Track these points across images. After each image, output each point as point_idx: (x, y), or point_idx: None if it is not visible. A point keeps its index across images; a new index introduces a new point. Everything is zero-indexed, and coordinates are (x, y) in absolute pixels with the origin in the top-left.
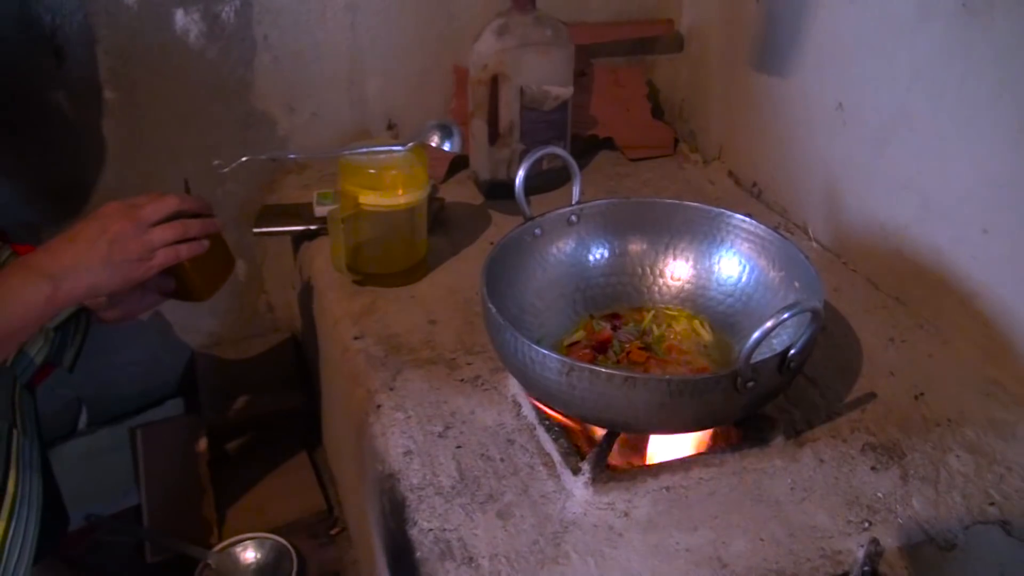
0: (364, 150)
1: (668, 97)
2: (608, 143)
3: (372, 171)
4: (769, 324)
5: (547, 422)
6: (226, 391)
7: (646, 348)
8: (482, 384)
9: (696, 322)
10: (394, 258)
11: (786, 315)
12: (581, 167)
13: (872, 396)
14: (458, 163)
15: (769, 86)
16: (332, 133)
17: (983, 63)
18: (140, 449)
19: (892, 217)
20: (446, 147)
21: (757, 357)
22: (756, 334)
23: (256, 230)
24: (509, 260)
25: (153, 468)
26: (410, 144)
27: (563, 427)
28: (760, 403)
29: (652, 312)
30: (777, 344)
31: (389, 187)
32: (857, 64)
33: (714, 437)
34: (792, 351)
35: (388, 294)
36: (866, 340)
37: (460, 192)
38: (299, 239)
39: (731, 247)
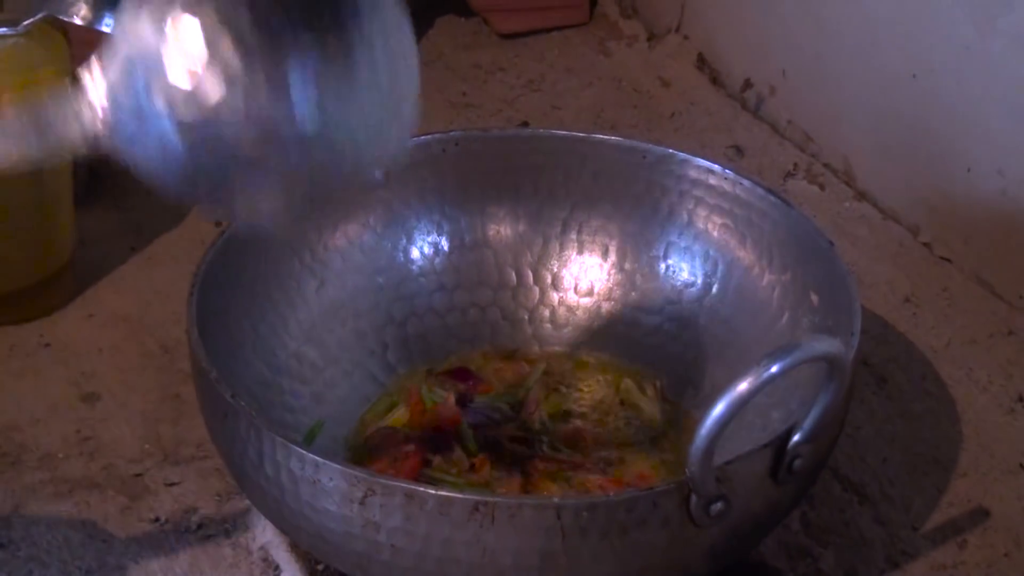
0: None
1: None
2: (458, 2)
3: None
4: (743, 387)
5: None
6: None
7: (527, 439)
8: (200, 527)
9: (628, 381)
10: (2, 265)
11: (775, 367)
12: None
13: (983, 515)
14: None
15: None
16: None
17: None
18: None
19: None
20: (105, 24)
21: (728, 452)
22: (718, 408)
23: None
24: (248, 264)
25: None
26: (28, 21)
27: None
28: (743, 543)
29: (540, 365)
30: (777, 419)
31: None
32: None
33: None
34: (796, 437)
35: None
36: (971, 401)
37: None
38: None
39: (689, 226)
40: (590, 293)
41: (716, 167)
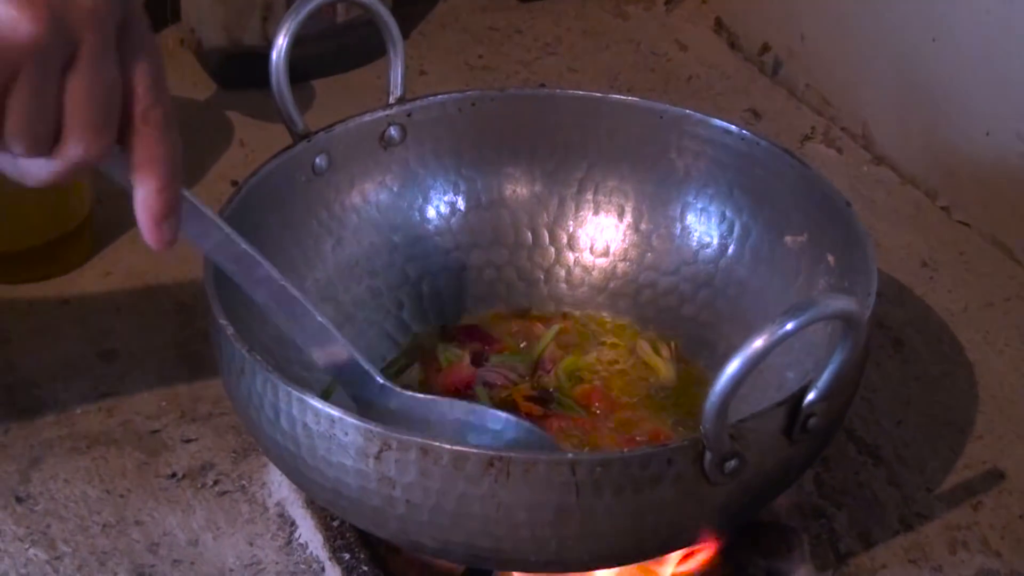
0: None
1: None
2: None
3: None
4: (758, 344)
5: (348, 556)
6: None
7: (542, 398)
8: (216, 483)
9: (643, 342)
10: (18, 222)
11: (790, 324)
12: (419, 17)
13: (998, 477)
14: (156, 15)
15: None
16: None
17: None
18: None
19: None
20: None
21: (743, 413)
22: (733, 365)
23: None
24: (264, 223)
25: None
26: None
27: (381, 563)
28: (756, 502)
29: (555, 324)
30: (792, 379)
31: None
32: None
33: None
34: (811, 396)
35: (8, 299)
36: (987, 364)
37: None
38: None
39: (704, 186)
40: (606, 253)
41: (732, 128)
